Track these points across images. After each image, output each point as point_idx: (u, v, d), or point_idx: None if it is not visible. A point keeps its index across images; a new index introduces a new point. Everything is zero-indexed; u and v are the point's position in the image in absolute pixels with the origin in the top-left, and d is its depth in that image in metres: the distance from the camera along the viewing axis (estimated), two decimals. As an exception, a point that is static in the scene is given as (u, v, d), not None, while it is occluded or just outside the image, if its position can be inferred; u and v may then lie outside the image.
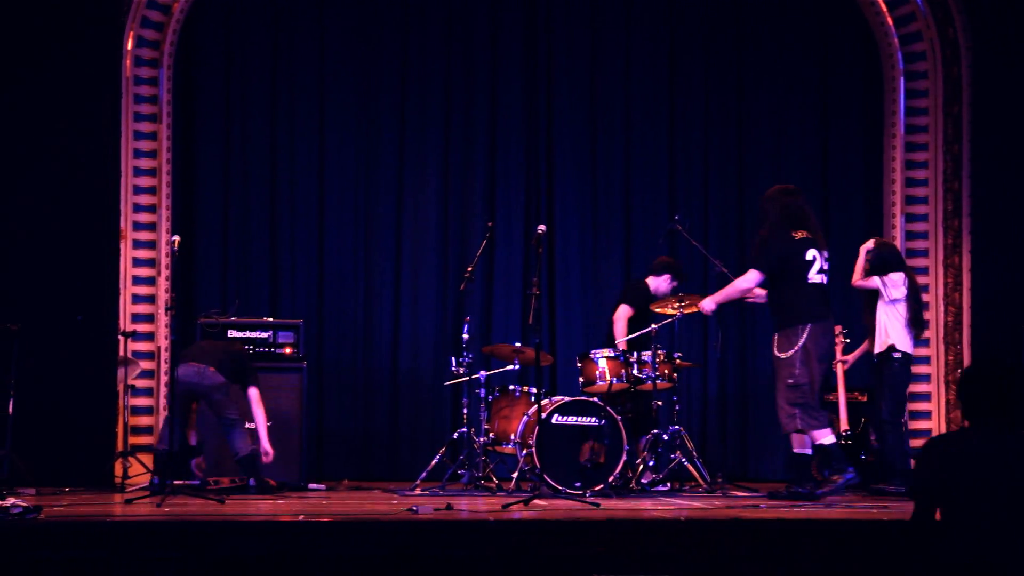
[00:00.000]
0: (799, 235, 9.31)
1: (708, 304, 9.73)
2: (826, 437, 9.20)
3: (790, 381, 9.14)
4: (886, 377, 10.08)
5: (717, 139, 12.27)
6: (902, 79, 11.77)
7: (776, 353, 9.23)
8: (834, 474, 9.14)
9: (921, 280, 11.58)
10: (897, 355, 10.09)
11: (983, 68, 11.38)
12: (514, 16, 12.19)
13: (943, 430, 11.49)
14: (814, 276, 9.30)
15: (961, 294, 11.53)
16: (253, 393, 9.88)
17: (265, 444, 9.84)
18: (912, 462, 9.59)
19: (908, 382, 10.29)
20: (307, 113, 11.96)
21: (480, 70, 12.15)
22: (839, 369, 10.66)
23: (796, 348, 9.18)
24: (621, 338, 10.45)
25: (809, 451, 9.32)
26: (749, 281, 9.49)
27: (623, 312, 10.61)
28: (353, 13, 12.02)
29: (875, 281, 10.21)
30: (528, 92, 12.16)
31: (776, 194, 9.58)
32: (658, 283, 10.74)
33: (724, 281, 10.82)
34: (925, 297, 11.61)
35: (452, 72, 12.11)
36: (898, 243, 11.68)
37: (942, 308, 11.59)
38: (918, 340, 10.36)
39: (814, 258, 9.29)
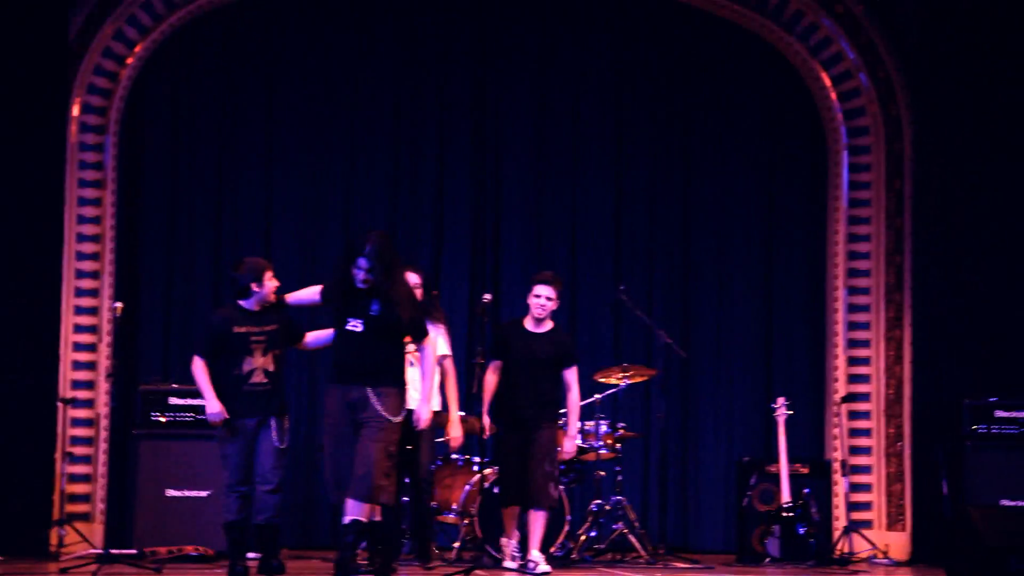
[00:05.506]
0: None
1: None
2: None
3: (392, 449, 8.31)
4: (427, 433, 9.12)
5: (662, 207, 12.31)
6: (846, 153, 11.86)
7: (386, 414, 8.20)
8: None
9: (862, 353, 11.70)
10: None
11: (925, 144, 11.48)
12: (462, 70, 12.28)
13: (883, 503, 11.53)
14: None
15: (902, 367, 11.56)
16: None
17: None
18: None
19: None
20: (253, 178, 11.94)
21: (428, 122, 12.20)
22: (782, 439, 10.66)
23: (402, 414, 8.42)
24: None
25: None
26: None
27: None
28: (302, 87, 12.06)
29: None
30: (475, 153, 12.21)
31: None
32: None
33: (669, 352, 11.03)
34: (866, 370, 11.71)
35: (400, 133, 12.16)
36: (839, 315, 11.76)
37: (883, 380, 11.63)
38: None
39: None
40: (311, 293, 8.58)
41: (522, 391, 9.30)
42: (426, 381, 8.39)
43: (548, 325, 9.41)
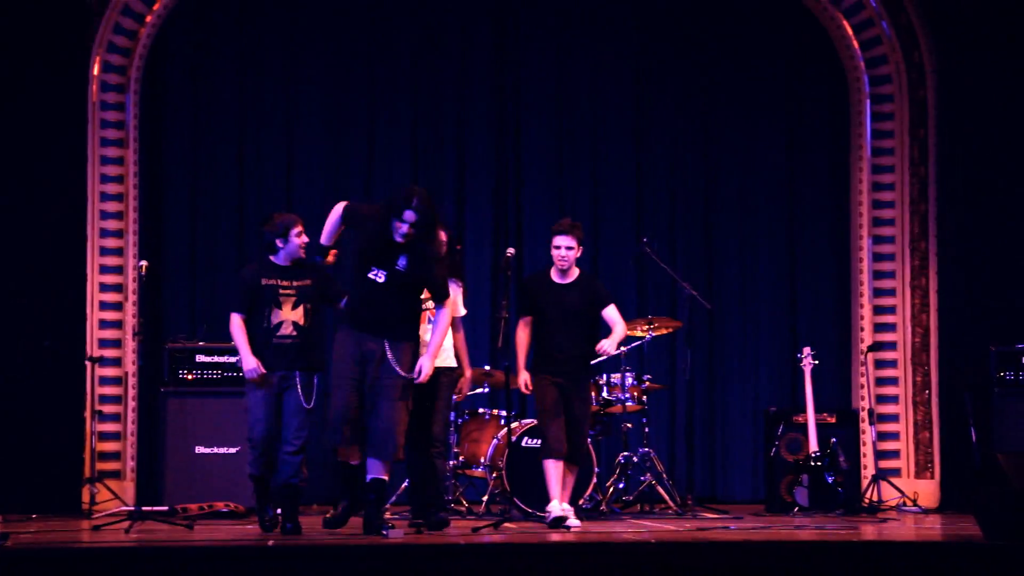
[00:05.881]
0: None
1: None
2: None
3: (410, 406, 8.30)
4: (444, 392, 9.04)
5: (684, 159, 12.29)
6: (868, 102, 11.80)
7: (400, 370, 8.18)
8: None
9: (888, 302, 11.69)
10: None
11: (948, 91, 11.45)
12: (482, 28, 12.22)
13: (911, 451, 11.53)
14: None
15: (928, 315, 11.55)
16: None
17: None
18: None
19: None
20: (275, 133, 11.94)
21: (448, 79, 12.16)
22: (809, 388, 10.69)
23: (416, 370, 8.32)
24: None
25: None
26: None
27: None
28: (322, 41, 12.01)
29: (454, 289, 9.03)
30: (496, 110, 12.19)
31: None
32: None
33: (694, 303, 10.97)
34: (892, 319, 11.69)
35: (421, 86, 12.12)
36: (864, 264, 11.75)
37: (909, 329, 11.60)
38: None
39: None
40: (333, 216, 8.39)
41: (558, 344, 9.16)
42: (435, 337, 8.35)
43: (574, 274, 9.30)
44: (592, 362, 9.37)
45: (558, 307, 9.18)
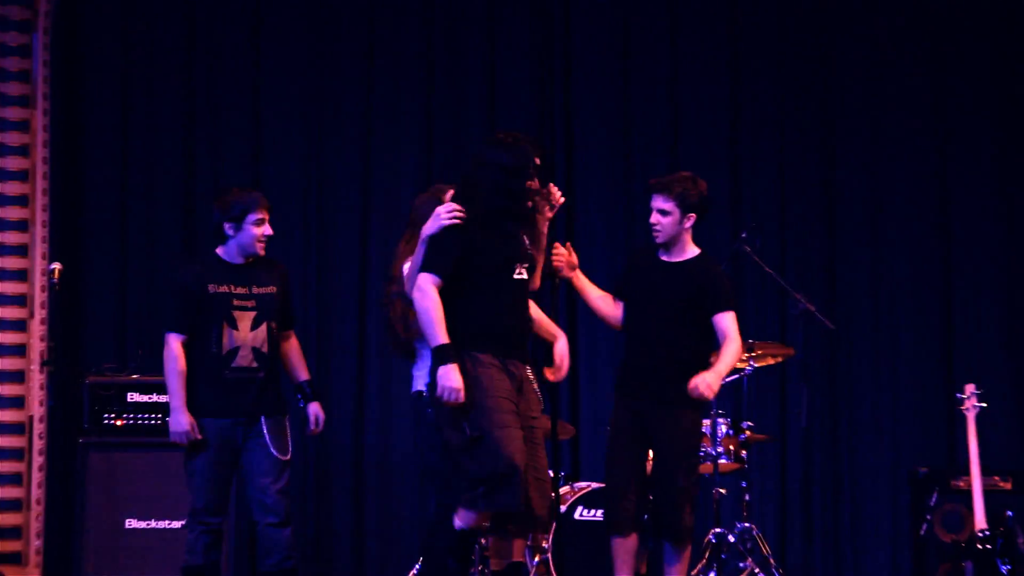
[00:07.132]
0: None
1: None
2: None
3: None
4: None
5: (795, 126, 11.90)
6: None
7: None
8: None
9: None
10: None
11: None
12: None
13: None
14: None
15: None
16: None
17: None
18: None
19: None
20: (237, 85, 11.56)
21: (474, 43, 11.80)
22: (973, 441, 10.01)
23: None
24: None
25: None
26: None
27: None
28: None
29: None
30: (540, 56, 11.80)
31: None
32: None
33: (810, 323, 10.64)
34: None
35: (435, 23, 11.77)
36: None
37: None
38: None
39: None
40: (431, 306, 7.43)
41: (643, 346, 8.31)
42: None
43: (687, 252, 8.33)
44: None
45: (651, 293, 8.29)
